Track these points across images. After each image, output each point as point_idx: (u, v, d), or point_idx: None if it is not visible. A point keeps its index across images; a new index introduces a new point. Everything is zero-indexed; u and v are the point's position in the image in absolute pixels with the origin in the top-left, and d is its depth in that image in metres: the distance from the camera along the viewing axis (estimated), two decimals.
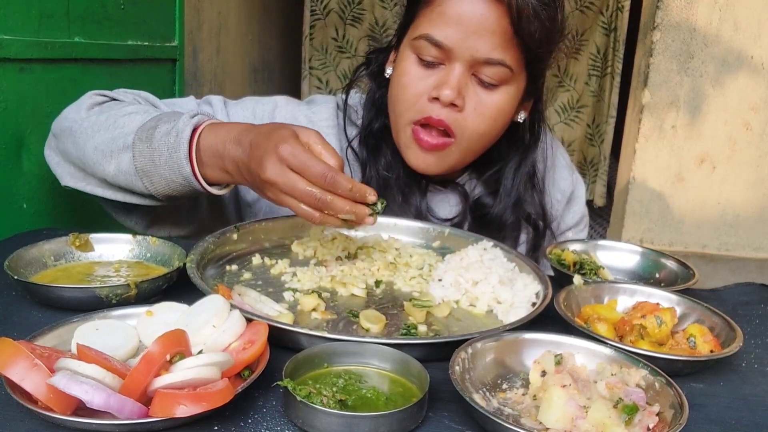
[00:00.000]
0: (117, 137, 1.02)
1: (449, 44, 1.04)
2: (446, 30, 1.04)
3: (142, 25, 1.69)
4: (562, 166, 1.35)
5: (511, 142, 1.23)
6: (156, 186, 1.01)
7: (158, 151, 0.98)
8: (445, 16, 1.04)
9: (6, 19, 1.19)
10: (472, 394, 0.67)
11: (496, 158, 1.23)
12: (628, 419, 0.63)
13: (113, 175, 1.03)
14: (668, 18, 2.74)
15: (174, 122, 0.99)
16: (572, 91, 4.27)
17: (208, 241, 1.00)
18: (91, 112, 1.08)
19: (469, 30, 1.03)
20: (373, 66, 1.24)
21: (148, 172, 1.00)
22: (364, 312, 0.87)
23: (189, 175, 0.97)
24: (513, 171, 1.22)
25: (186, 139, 0.96)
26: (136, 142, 1.00)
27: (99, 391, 0.58)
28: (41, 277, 0.91)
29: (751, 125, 2.78)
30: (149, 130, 1.00)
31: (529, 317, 0.85)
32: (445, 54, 1.06)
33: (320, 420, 0.60)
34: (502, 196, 1.22)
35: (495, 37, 1.03)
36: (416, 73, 1.09)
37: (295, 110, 1.25)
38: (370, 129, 1.22)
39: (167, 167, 0.98)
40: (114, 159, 1.02)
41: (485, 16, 1.02)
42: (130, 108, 1.08)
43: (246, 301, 0.85)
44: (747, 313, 1.03)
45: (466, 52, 1.04)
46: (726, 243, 2.89)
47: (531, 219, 1.25)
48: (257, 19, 3.55)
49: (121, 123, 1.03)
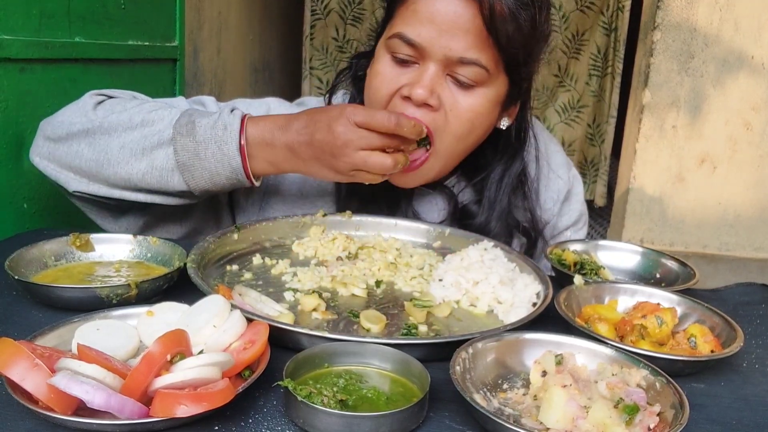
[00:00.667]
0: (149, 134, 1.02)
1: (422, 43, 1.03)
2: (419, 28, 1.03)
3: (142, 25, 1.69)
4: (557, 167, 1.32)
5: (496, 150, 1.21)
6: (197, 180, 1.03)
7: (204, 144, 1.00)
8: (419, 14, 1.03)
9: (6, 19, 1.19)
10: (473, 394, 0.67)
11: (483, 165, 1.22)
12: (629, 419, 0.63)
13: (144, 173, 1.02)
14: (669, 18, 2.74)
15: (213, 116, 1.01)
16: (573, 91, 4.27)
17: (209, 241, 1.00)
18: (100, 112, 1.07)
19: (442, 28, 1.01)
20: (355, 70, 1.23)
21: (191, 166, 1.01)
22: (364, 312, 0.87)
23: (239, 166, 1.01)
24: (497, 180, 1.21)
25: (236, 131, 1.00)
26: (177, 136, 1.00)
27: (100, 391, 0.58)
28: (42, 277, 0.91)
29: (751, 125, 2.78)
30: (188, 125, 1.01)
31: (529, 317, 0.85)
32: (418, 53, 1.04)
33: (321, 420, 0.60)
34: (485, 206, 1.21)
35: (469, 36, 1.01)
36: (389, 73, 1.07)
37: (287, 112, 1.24)
38: None
39: (215, 159, 1.00)
40: (146, 156, 1.02)
41: (458, 14, 1.00)
42: (147, 105, 1.07)
43: (246, 301, 0.85)
44: (748, 314, 1.03)
45: (440, 51, 1.03)
46: (727, 243, 2.89)
47: (521, 227, 1.23)
48: (258, 19, 3.55)
49: (149, 119, 1.03)
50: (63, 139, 1.06)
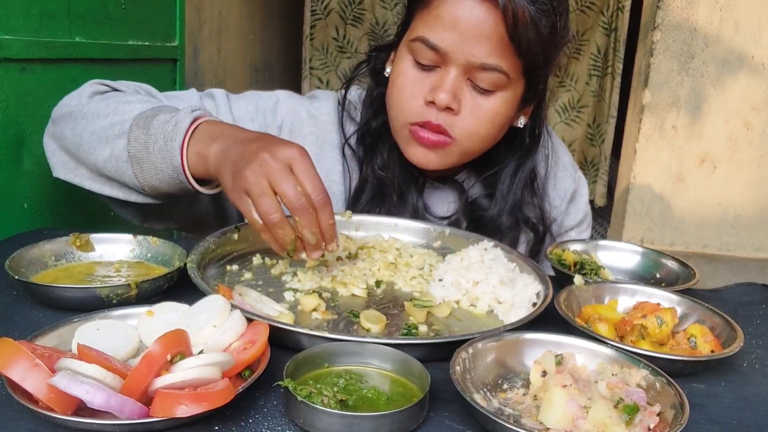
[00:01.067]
0: (115, 123, 1.01)
1: (445, 48, 1.04)
2: (442, 34, 1.04)
3: (142, 24, 1.69)
4: (564, 167, 1.34)
5: (510, 146, 1.22)
6: (144, 174, 0.98)
7: (154, 138, 0.96)
8: (442, 19, 1.04)
9: (7, 19, 1.19)
10: (473, 394, 0.67)
11: (495, 160, 1.23)
12: (629, 419, 0.63)
13: (105, 161, 1.01)
14: (669, 18, 2.74)
15: (175, 113, 0.98)
16: (573, 91, 4.27)
17: (209, 241, 1.00)
18: (93, 99, 1.08)
19: (465, 35, 1.02)
20: (374, 64, 1.24)
21: (140, 159, 0.98)
22: (364, 312, 0.87)
23: (178, 166, 0.95)
24: (510, 175, 1.22)
25: (183, 129, 0.95)
26: (133, 127, 0.98)
27: (100, 391, 0.58)
28: (42, 277, 0.91)
29: (751, 125, 2.78)
30: (148, 118, 0.98)
31: (529, 317, 0.85)
32: (440, 57, 1.06)
33: (321, 420, 0.60)
34: (498, 200, 1.22)
35: (491, 43, 1.02)
36: (412, 75, 1.09)
37: (297, 105, 1.25)
38: (367, 127, 1.22)
39: (160, 155, 0.96)
40: (109, 144, 1.00)
41: (481, 21, 1.01)
42: (131, 97, 1.07)
43: (247, 301, 0.85)
44: (748, 314, 1.03)
45: (462, 56, 1.04)
46: (727, 243, 2.89)
47: (530, 223, 1.25)
48: (258, 19, 3.55)
49: (121, 110, 1.02)
50: (57, 120, 1.09)
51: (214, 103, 1.19)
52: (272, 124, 1.22)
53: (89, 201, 1.46)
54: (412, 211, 1.21)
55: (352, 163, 1.23)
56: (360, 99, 1.27)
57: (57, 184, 1.37)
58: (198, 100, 1.19)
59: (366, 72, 1.26)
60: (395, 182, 1.19)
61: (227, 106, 1.20)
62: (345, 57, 4.24)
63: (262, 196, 0.84)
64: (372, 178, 1.19)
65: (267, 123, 1.21)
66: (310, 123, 1.23)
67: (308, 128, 1.23)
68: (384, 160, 1.20)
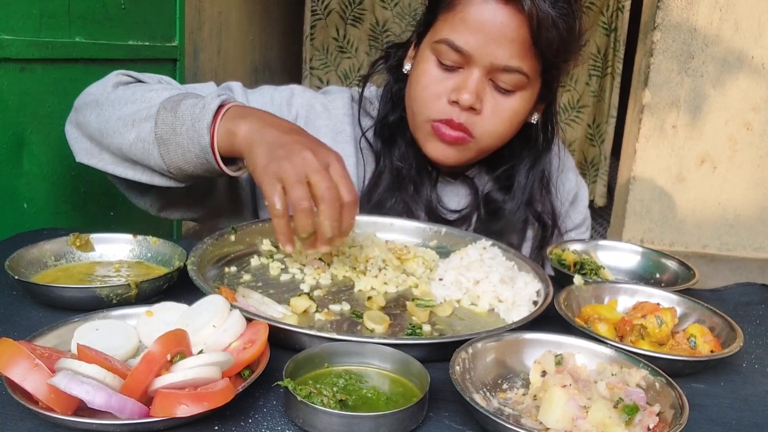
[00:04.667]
0: (142, 109, 1.03)
1: (470, 50, 1.07)
2: (467, 36, 1.07)
3: (142, 25, 1.69)
4: (568, 169, 1.37)
5: (523, 142, 1.25)
6: (171, 156, 1.00)
7: (181, 119, 0.98)
8: (467, 22, 1.06)
9: (7, 19, 1.19)
10: (473, 394, 0.67)
11: (507, 156, 1.25)
12: (629, 419, 0.63)
13: (131, 144, 1.02)
14: (669, 18, 2.74)
15: (202, 98, 1.00)
16: (573, 91, 4.27)
17: (207, 243, 1.00)
18: (117, 88, 1.10)
19: (489, 38, 1.05)
20: (392, 60, 1.26)
21: (167, 141, 0.99)
22: (368, 312, 0.87)
23: (207, 146, 0.97)
24: (527, 169, 1.25)
25: (212, 111, 0.97)
26: (161, 110, 1.00)
27: (100, 391, 0.58)
28: (42, 277, 0.91)
29: (751, 125, 2.78)
30: (175, 102, 1.01)
31: (531, 317, 0.85)
32: (464, 59, 1.09)
33: (321, 420, 0.60)
34: (516, 193, 1.24)
35: (514, 46, 1.05)
36: (436, 75, 1.12)
37: (311, 98, 1.27)
38: (385, 121, 1.24)
39: (187, 136, 0.98)
40: (136, 127, 1.02)
41: (505, 24, 1.04)
42: (156, 86, 1.09)
43: (250, 303, 0.85)
44: (747, 314, 1.03)
45: (486, 58, 1.07)
46: (727, 243, 2.89)
47: (541, 218, 1.27)
48: (258, 19, 3.55)
49: (147, 97, 1.05)
50: (80, 108, 1.11)
51: (232, 95, 1.20)
52: (288, 115, 1.23)
53: (89, 201, 1.46)
54: (426, 203, 1.23)
55: (368, 156, 1.26)
56: (374, 95, 1.29)
57: (57, 184, 1.37)
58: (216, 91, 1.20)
59: (383, 68, 1.28)
60: (411, 174, 1.22)
61: (245, 99, 1.22)
62: (345, 57, 4.24)
63: (298, 184, 0.86)
64: (390, 169, 1.22)
65: (282, 115, 1.21)
66: (325, 116, 1.26)
67: (323, 120, 1.25)
68: (402, 153, 1.23)
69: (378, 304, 0.91)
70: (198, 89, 1.19)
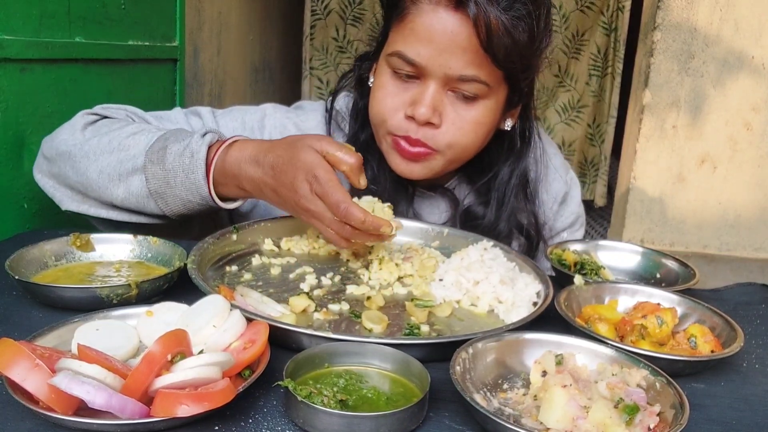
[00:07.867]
0: (124, 160, 1.03)
1: (422, 62, 1.04)
2: (418, 48, 1.04)
3: (142, 25, 1.69)
4: (555, 169, 1.33)
5: (500, 149, 1.22)
6: (171, 206, 1.03)
7: (173, 172, 1.00)
8: (417, 33, 1.03)
9: (6, 19, 1.19)
10: (473, 394, 0.67)
11: (487, 165, 1.22)
12: (629, 419, 0.63)
13: (123, 199, 1.04)
14: (669, 18, 2.74)
15: (184, 141, 1.00)
16: (573, 91, 4.27)
17: (207, 242, 1.00)
18: (87, 133, 1.08)
19: (440, 48, 1.02)
20: (358, 73, 1.24)
21: (163, 194, 1.02)
22: (366, 312, 0.87)
23: (207, 196, 1.01)
24: (505, 181, 1.21)
25: (202, 160, 0.99)
26: (147, 164, 1.01)
27: (101, 391, 0.58)
28: (42, 277, 0.91)
29: (752, 125, 2.78)
30: (159, 152, 1.01)
31: (530, 317, 0.85)
32: (418, 71, 1.06)
33: (321, 420, 0.60)
34: (494, 207, 1.21)
35: (467, 54, 1.02)
36: (392, 88, 1.09)
37: (283, 118, 1.25)
38: (356, 139, 1.21)
39: (183, 188, 1.00)
40: (123, 183, 1.03)
41: (456, 33, 1.00)
42: (129, 128, 1.07)
43: (249, 302, 0.85)
44: (748, 314, 1.03)
45: (439, 69, 1.04)
46: (727, 243, 2.89)
47: (523, 229, 1.24)
48: (258, 19, 3.55)
49: (125, 144, 1.04)
50: (53, 159, 1.09)
51: (201, 122, 1.20)
52: (260, 137, 1.22)
53: None
54: None
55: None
56: (347, 107, 1.26)
57: None
58: (184, 118, 1.19)
59: (349, 83, 1.26)
60: (386, 193, 1.18)
61: (214, 124, 1.21)
62: (345, 57, 4.24)
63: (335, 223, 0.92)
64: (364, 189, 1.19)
65: (255, 137, 1.20)
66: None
67: None
68: (374, 173, 1.19)
69: (377, 303, 0.91)
70: (165, 117, 1.18)
